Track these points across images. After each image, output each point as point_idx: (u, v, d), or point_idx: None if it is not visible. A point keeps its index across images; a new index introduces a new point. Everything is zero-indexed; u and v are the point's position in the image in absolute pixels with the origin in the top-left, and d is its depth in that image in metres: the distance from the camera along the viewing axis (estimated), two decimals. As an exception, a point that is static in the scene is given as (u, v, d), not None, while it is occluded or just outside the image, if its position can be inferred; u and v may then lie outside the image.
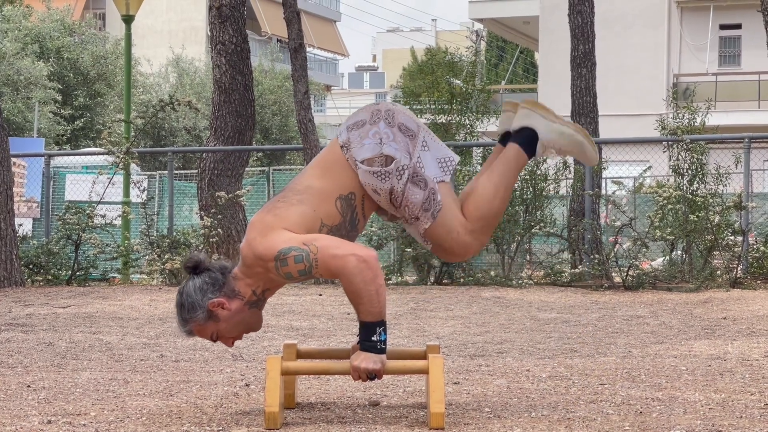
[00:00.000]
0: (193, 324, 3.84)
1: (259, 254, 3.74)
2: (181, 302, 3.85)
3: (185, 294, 3.85)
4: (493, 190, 3.92)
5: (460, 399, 4.28)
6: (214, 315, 3.82)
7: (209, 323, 3.83)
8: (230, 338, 3.89)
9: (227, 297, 3.83)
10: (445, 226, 3.87)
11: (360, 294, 3.65)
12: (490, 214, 3.92)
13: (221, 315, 3.82)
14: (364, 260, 3.66)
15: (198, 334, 3.88)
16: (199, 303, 3.81)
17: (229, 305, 3.82)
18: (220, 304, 3.81)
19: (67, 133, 31.03)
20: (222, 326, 3.84)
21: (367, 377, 3.68)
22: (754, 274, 11.17)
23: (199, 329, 3.85)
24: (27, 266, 12.10)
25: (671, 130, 11.83)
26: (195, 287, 3.84)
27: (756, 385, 4.57)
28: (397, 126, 3.86)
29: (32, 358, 5.75)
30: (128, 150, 12.61)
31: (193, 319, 3.83)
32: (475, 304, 9.34)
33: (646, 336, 6.84)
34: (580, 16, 13.30)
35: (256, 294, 3.85)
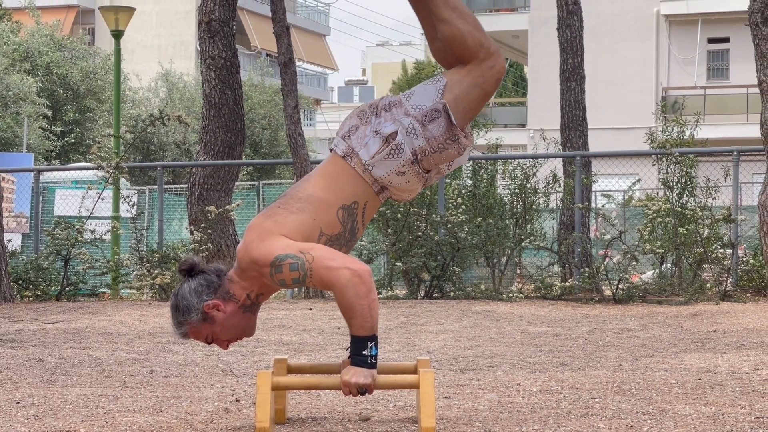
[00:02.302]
0: (188, 326, 3.85)
1: (255, 259, 3.74)
2: (176, 304, 3.86)
3: (180, 296, 3.85)
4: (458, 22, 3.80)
5: (451, 413, 4.28)
6: (209, 317, 3.83)
7: (204, 325, 3.84)
8: (225, 341, 3.89)
9: (222, 299, 3.83)
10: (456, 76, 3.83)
11: (352, 308, 3.65)
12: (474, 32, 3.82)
13: (216, 317, 3.83)
14: (358, 274, 3.66)
15: (193, 337, 3.88)
16: (194, 305, 3.82)
17: (224, 307, 3.83)
18: (216, 306, 3.82)
19: (57, 148, 30.98)
20: (217, 328, 3.85)
21: (357, 392, 3.67)
22: (743, 287, 11.19)
23: (195, 331, 3.86)
24: (16, 282, 12.07)
25: (660, 143, 11.87)
26: (190, 289, 3.84)
27: (746, 399, 4.58)
28: (383, 109, 3.84)
29: (21, 374, 5.73)
30: (118, 164, 12.61)
31: (188, 321, 3.83)
32: (466, 317, 9.34)
33: (637, 349, 6.84)
34: (569, 30, 13.34)
35: (251, 298, 3.85)
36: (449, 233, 11.93)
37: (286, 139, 30.41)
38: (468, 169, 13.16)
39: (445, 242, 11.88)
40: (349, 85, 79.36)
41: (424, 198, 12.31)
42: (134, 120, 31.58)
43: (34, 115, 29.30)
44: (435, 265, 11.83)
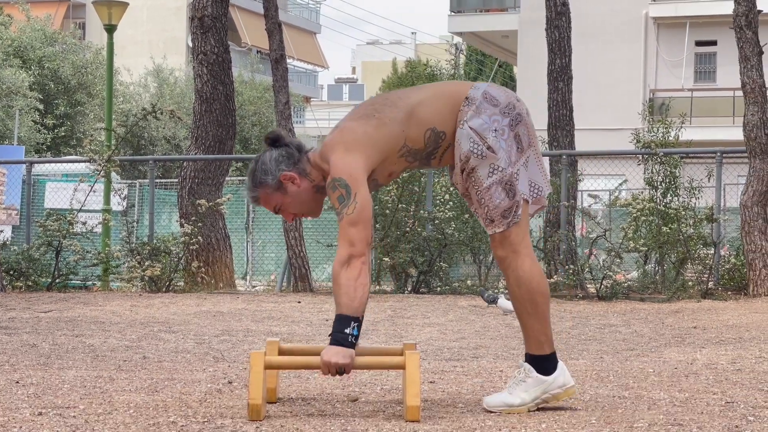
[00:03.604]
0: (262, 190, 4.02)
1: (331, 161, 3.91)
2: (254, 168, 4.04)
3: (261, 161, 4.03)
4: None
5: (436, 396, 4.45)
6: (283, 187, 4.01)
7: (277, 194, 4.02)
8: (291, 213, 4.07)
9: (299, 174, 4.01)
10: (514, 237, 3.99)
11: (341, 285, 3.81)
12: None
13: (290, 189, 4.01)
14: (354, 259, 3.82)
15: (263, 202, 4.05)
16: (272, 171, 4.00)
17: (299, 182, 4.01)
18: (292, 179, 4.00)
19: (48, 141, 31.07)
20: (288, 199, 4.03)
21: (336, 372, 3.80)
22: (725, 286, 11.38)
23: (266, 197, 4.04)
24: (7, 272, 12.20)
25: (645, 143, 12.05)
26: (271, 157, 4.03)
27: (719, 386, 4.76)
28: (515, 133, 3.99)
29: (18, 358, 5.88)
30: (110, 158, 12.74)
31: (264, 183, 4.01)
32: (452, 311, 9.50)
33: (618, 343, 7.01)
34: (557, 31, 13.50)
35: (326, 180, 4.00)
36: (437, 229, 12.10)
37: (275, 136, 30.37)
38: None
39: (433, 238, 12.04)
40: (339, 83, 79.46)
41: (412, 194, 12.47)
42: (125, 115, 31.67)
43: (25, 108, 29.39)
44: (422, 260, 11.99)
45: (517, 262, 3.98)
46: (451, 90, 4.04)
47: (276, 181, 4.01)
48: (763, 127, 11.05)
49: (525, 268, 3.98)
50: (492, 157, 3.93)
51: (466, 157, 3.95)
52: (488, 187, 3.95)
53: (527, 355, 4.07)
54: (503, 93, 4.03)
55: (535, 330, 4.02)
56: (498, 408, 4.00)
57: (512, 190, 3.96)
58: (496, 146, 3.94)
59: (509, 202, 3.95)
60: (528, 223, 4.04)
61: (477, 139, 3.94)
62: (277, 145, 4.06)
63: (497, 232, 3.98)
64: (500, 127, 3.96)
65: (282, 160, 4.01)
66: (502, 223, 3.96)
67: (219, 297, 11.08)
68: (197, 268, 12.14)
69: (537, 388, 4.01)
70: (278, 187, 4.02)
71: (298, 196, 4.03)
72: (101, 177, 12.98)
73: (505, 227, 3.97)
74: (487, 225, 4.00)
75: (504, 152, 3.95)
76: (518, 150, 3.99)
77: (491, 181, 3.94)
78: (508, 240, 3.98)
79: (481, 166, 3.94)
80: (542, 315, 4.01)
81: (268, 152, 4.05)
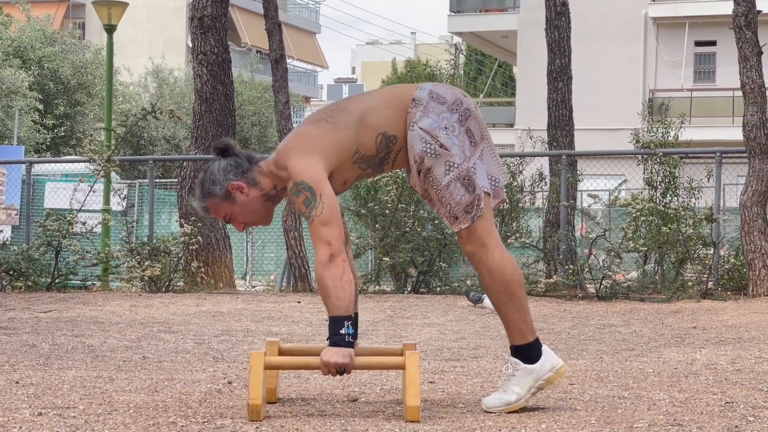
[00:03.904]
0: (210, 200, 4.05)
1: (289, 166, 3.93)
2: (203, 178, 4.07)
3: (209, 171, 4.06)
4: None
5: (435, 396, 4.45)
6: (231, 196, 4.03)
7: (225, 203, 4.04)
8: (242, 222, 4.09)
9: (248, 183, 4.03)
10: (480, 232, 4.00)
11: (327, 287, 3.83)
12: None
13: (238, 198, 4.03)
14: (333, 258, 3.83)
15: (213, 212, 4.08)
16: (220, 181, 4.03)
17: (247, 191, 4.03)
18: (240, 188, 4.02)
19: (47, 141, 31.08)
20: (237, 209, 4.05)
21: (336, 371, 3.82)
22: (724, 286, 11.38)
23: (215, 207, 4.06)
24: (7, 272, 12.19)
25: (644, 143, 12.05)
26: (219, 167, 4.06)
27: (719, 386, 4.76)
28: (466, 128, 4.01)
29: (17, 358, 5.88)
30: (110, 157, 12.74)
31: (212, 193, 4.04)
32: (452, 312, 9.50)
33: (618, 343, 7.01)
34: (557, 31, 13.50)
35: (276, 189, 4.05)
36: (436, 229, 12.10)
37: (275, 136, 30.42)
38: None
39: (432, 238, 12.04)
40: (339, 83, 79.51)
41: (412, 194, 12.47)
42: (124, 115, 31.68)
43: (25, 108, 29.39)
44: (422, 260, 11.99)
45: (486, 255, 4.00)
46: (397, 93, 4.07)
47: (224, 190, 4.03)
48: (763, 127, 11.06)
49: (496, 260, 4.00)
50: (446, 154, 3.95)
51: (420, 158, 3.96)
52: (447, 185, 3.96)
53: (512, 348, 4.09)
54: (449, 90, 4.06)
55: (515, 320, 4.04)
56: (497, 408, 4.01)
57: (471, 184, 3.98)
58: (449, 143, 3.96)
59: (470, 197, 3.97)
60: (492, 215, 4.06)
61: (429, 139, 3.96)
62: (226, 155, 4.08)
63: (463, 228, 4.00)
64: (450, 124, 3.98)
65: (230, 170, 4.04)
66: (466, 218, 3.98)
67: (219, 297, 11.08)
68: (197, 268, 12.14)
69: (528, 378, 4.03)
70: (226, 197, 4.04)
71: (246, 205, 4.05)
72: (101, 177, 12.98)
73: (470, 222, 3.99)
74: (452, 223, 4.01)
75: (457, 148, 3.97)
76: (471, 144, 4.01)
77: (449, 179, 3.96)
78: (475, 234, 4.00)
79: (437, 164, 3.96)
80: (520, 303, 4.04)
81: (216, 162, 4.08)
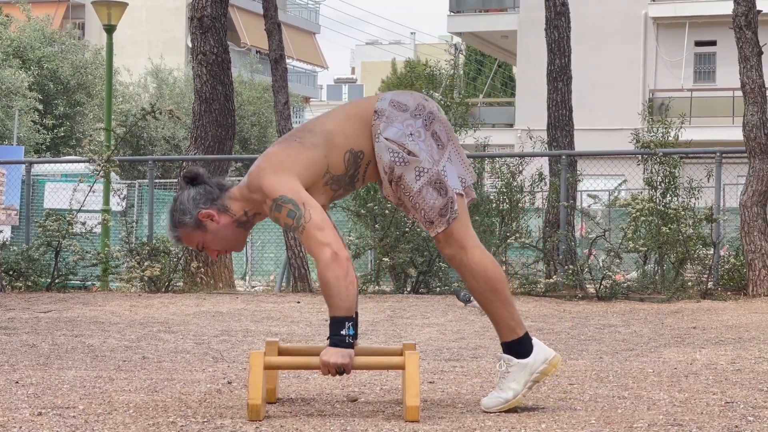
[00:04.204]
0: (182, 230, 4.04)
1: (263, 187, 3.92)
2: (173, 208, 4.07)
3: (179, 201, 4.06)
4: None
5: (435, 396, 4.45)
6: (202, 225, 4.02)
7: (197, 232, 4.04)
8: (214, 250, 4.09)
9: (218, 210, 4.02)
10: (456, 234, 4.01)
11: (330, 287, 3.82)
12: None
13: (209, 226, 4.03)
14: (338, 258, 3.82)
15: (185, 241, 4.07)
16: (189, 211, 4.02)
17: (218, 218, 4.02)
18: (210, 216, 4.01)
19: (47, 141, 31.08)
20: (208, 237, 4.04)
21: (335, 371, 3.83)
22: (724, 286, 11.38)
23: (187, 236, 4.05)
24: (7, 272, 12.19)
25: (644, 143, 12.05)
26: (189, 196, 4.05)
27: (719, 386, 4.76)
28: (431, 132, 4.01)
29: (17, 358, 5.88)
30: (109, 158, 12.73)
31: (182, 224, 4.03)
32: (451, 312, 9.50)
33: (617, 344, 7.01)
34: (556, 31, 13.50)
35: (247, 215, 4.04)
36: (436, 229, 12.09)
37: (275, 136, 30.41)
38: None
39: (432, 238, 12.03)
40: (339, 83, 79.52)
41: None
42: (124, 115, 31.68)
43: (25, 108, 29.39)
44: (422, 260, 11.99)
45: (466, 256, 4.02)
46: (359, 108, 4.06)
47: (194, 219, 4.02)
48: (763, 127, 11.06)
49: (476, 260, 4.02)
50: (415, 160, 3.95)
51: (390, 167, 3.96)
52: (419, 191, 3.96)
53: (503, 345, 4.10)
54: (410, 96, 4.06)
55: (503, 316, 4.07)
56: (496, 407, 4.01)
57: (443, 187, 3.97)
58: (416, 149, 3.96)
59: (443, 200, 3.97)
60: (467, 216, 4.06)
61: (396, 148, 3.95)
62: (196, 183, 4.08)
63: (439, 231, 4.01)
64: (415, 130, 3.98)
65: (200, 199, 4.03)
66: (442, 222, 3.99)
67: (218, 297, 11.08)
68: (196, 268, 12.14)
69: (523, 373, 4.04)
70: (197, 226, 4.03)
71: (218, 232, 4.04)
72: (100, 177, 12.98)
73: (446, 225, 3.99)
74: (429, 227, 4.02)
75: (425, 153, 3.97)
76: (439, 147, 4.02)
77: (420, 184, 3.96)
78: (453, 237, 4.01)
79: (407, 172, 3.95)
80: (506, 300, 4.06)
81: (186, 191, 4.07)
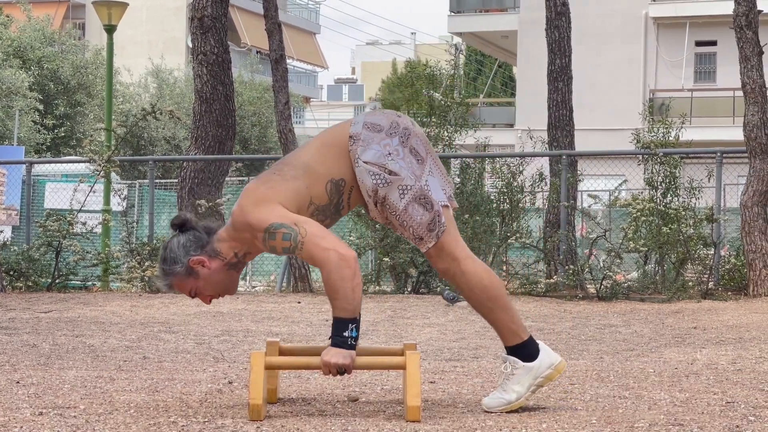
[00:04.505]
0: (173, 278, 4.03)
1: (250, 223, 3.91)
2: (164, 256, 4.05)
3: (169, 249, 4.04)
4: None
5: (436, 396, 4.45)
6: (194, 272, 4.01)
7: (189, 279, 4.02)
8: (207, 296, 4.08)
9: (209, 256, 4.01)
10: (445, 247, 3.99)
11: (336, 289, 3.82)
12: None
13: (201, 272, 4.01)
14: (345, 258, 3.82)
15: (178, 288, 4.06)
16: (180, 259, 4.00)
17: (209, 264, 4.01)
18: (200, 262, 4.00)
19: (47, 141, 31.08)
20: (200, 283, 4.03)
21: (336, 372, 3.83)
22: (725, 286, 11.38)
23: (179, 284, 4.04)
24: (7, 273, 12.19)
25: (645, 143, 12.06)
26: (179, 243, 4.03)
27: (719, 386, 4.76)
28: (409, 148, 3.99)
29: (18, 358, 5.88)
30: (110, 158, 12.73)
31: (173, 272, 4.02)
32: (452, 312, 9.50)
33: (618, 344, 7.01)
34: (557, 31, 13.50)
35: (238, 257, 4.03)
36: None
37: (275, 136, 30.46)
38: (456, 167, 13.33)
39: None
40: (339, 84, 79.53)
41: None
42: (124, 115, 31.69)
43: (25, 108, 29.40)
44: (422, 260, 11.98)
45: (460, 268, 4.00)
46: (334, 136, 4.04)
47: (185, 267, 4.01)
48: (764, 127, 11.06)
49: (470, 271, 4.00)
50: (397, 179, 3.93)
51: (374, 190, 3.95)
52: (405, 209, 3.95)
53: (507, 348, 4.09)
54: (382, 116, 4.05)
55: (504, 321, 4.05)
56: (498, 408, 4.01)
57: (428, 202, 3.96)
58: (397, 168, 3.94)
59: (430, 215, 3.96)
60: (455, 227, 4.05)
61: (376, 170, 3.93)
62: (184, 229, 4.07)
63: (430, 247, 3.99)
64: (392, 148, 3.97)
65: (189, 246, 4.02)
66: (431, 237, 3.97)
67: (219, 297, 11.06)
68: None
69: (527, 376, 4.03)
70: (189, 273, 4.02)
71: (210, 277, 4.03)
72: (101, 177, 12.98)
73: (436, 239, 3.98)
74: (419, 244, 4.01)
75: (406, 170, 3.95)
76: (419, 162, 4.00)
77: (405, 202, 3.94)
78: (444, 250, 4.00)
79: (390, 191, 3.94)
80: (505, 305, 4.04)
81: (175, 239, 4.06)
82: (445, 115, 13.61)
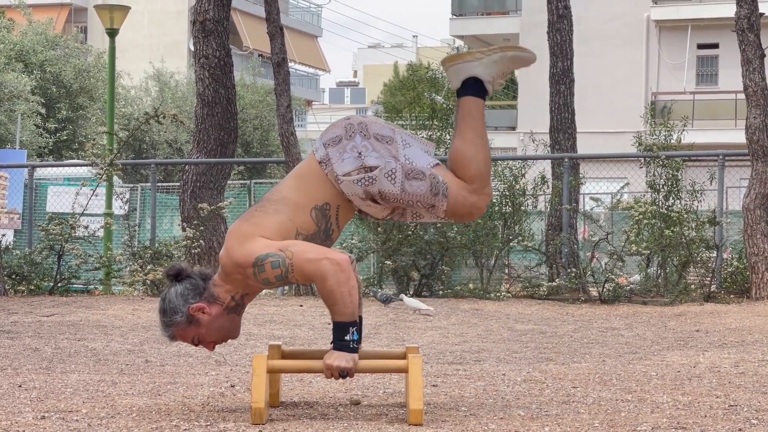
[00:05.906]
0: (175, 328, 4.01)
1: (238, 261, 3.91)
2: (163, 308, 4.03)
3: (167, 300, 4.02)
4: (473, 147, 4.03)
5: (438, 399, 4.45)
6: (195, 320, 3.99)
7: (191, 327, 4.01)
8: (211, 342, 4.06)
9: (208, 302, 4.00)
10: (456, 198, 4.00)
11: (333, 295, 3.82)
12: (481, 165, 4.03)
13: (202, 320, 3.99)
14: (338, 263, 3.83)
15: (180, 338, 4.04)
16: (180, 308, 3.99)
17: (209, 310, 3.99)
18: (200, 309, 3.99)
19: (49, 145, 31.09)
20: (203, 330, 4.01)
21: (339, 375, 3.83)
22: (727, 289, 11.37)
23: (181, 333, 4.02)
24: (9, 276, 12.19)
25: (647, 146, 12.05)
26: (177, 293, 4.01)
27: (722, 389, 4.75)
28: (373, 136, 4.00)
29: (20, 362, 5.88)
30: (112, 161, 12.73)
31: (174, 323, 4.00)
32: (454, 315, 9.49)
33: (621, 347, 7.01)
34: (559, 34, 13.50)
35: (235, 299, 4.01)
36: (438, 232, 12.09)
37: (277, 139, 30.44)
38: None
39: (435, 241, 12.03)
40: (341, 87, 79.53)
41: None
42: (126, 118, 31.69)
43: (27, 112, 29.40)
44: (424, 264, 11.98)
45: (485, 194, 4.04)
46: (305, 168, 4.05)
47: (185, 316, 4.00)
48: (766, 129, 11.05)
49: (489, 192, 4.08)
50: (380, 170, 3.94)
51: (367, 193, 3.96)
52: (402, 190, 3.96)
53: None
54: (334, 128, 4.06)
55: None
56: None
57: (418, 172, 3.97)
58: (374, 161, 3.95)
59: (427, 182, 3.96)
60: (453, 177, 4.02)
61: (358, 176, 3.94)
62: (180, 278, 4.06)
63: (446, 208, 4.00)
64: (359, 147, 3.97)
65: (188, 294, 4.01)
66: (440, 199, 3.99)
67: (221, 301, 11.06)
68: (199, 268, 12.12)
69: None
70: (190, 321, 4.01)
71: (211, 324, 4.02)
72: (103, 181, 12.97)
73: (445, 198, 3.99)
74: (436, 212, 4.01)
75: (383, 158, 3.96)
76: (389, 143, 4.01)
77: (399, 184, 3.95)
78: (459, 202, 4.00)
79: (381, 183, 3.94)
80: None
81: (172, 289, 4.04)
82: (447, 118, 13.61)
